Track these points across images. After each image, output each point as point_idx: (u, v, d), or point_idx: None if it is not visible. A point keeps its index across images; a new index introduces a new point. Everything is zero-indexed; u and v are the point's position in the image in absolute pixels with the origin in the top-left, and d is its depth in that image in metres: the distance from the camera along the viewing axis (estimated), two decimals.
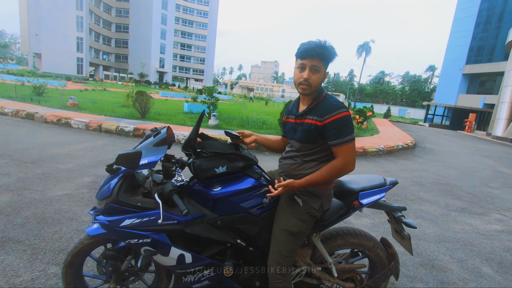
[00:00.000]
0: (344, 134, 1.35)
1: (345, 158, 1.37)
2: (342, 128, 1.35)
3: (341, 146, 1.36)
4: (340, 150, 1.37)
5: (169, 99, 22.79)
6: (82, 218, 2.82)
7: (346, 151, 1.37)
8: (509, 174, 7.61)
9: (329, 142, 1.40)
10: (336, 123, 1.36)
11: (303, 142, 1.47)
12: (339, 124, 1.35)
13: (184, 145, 1.47)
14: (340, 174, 1.40)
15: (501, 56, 28.00)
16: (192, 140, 1.46)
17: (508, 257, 3.00)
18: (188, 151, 1.48)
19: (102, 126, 7.11)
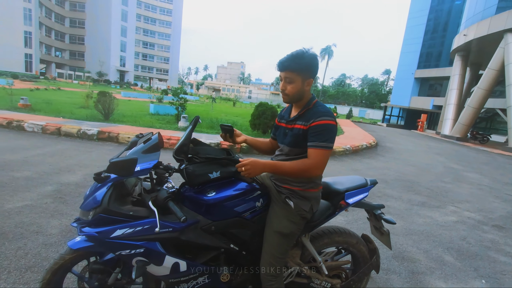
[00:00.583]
0: (322, 139, 1.40)
1: (315, 161, 1.40)
2: (321, 133, 1.40)
3: (315, 149, 1.40)
4: (313, 152, 1.41)
5: (133, 100, 21.77)
6: (49, 231, 2.59)
7: (318, 155, 1.40)
8: (458, 169, 8.45)
9: (307, 143, 1.44)
10: (318, 127, 1.41)
11: (291, 147, 1.52)
12: (320, 129, 1.41)
13: (177, 151, 1.43)
14: (304, 173, 1.43)
15: (447, 62, 30.98)
16: (185, 146, 1.43)
17: (465, 245, 3.33)
18: (180, 156, 1.44)
19: (61, 129, 6.58)
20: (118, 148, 6.05)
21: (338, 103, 64.23)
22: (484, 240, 3.54)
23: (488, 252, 3.22)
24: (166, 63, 74.56)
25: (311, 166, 1.40)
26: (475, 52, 21.17)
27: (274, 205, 1.58)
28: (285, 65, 1.43)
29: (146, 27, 70.06)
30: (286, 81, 1.46)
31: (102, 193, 1.29)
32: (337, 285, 1.80)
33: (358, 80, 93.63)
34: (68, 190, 3.54)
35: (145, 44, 71.12)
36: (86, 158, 5.01)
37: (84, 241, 1.39)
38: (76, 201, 3.25)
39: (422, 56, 35.65)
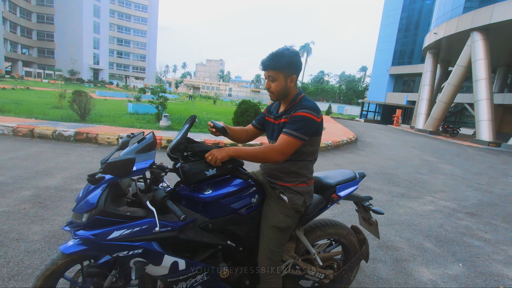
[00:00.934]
0: (293, 127, 1.42)
1: (278, 146, 1.43)
2: (295, 123, 1.43)
3: (284, 134, 1.44)
4: (281, 138, 1.44)
5: (109, 99, 21.02)
6: (30, 238, 2.48)
7: (284, 141, 1.42)
8: (433, 161, 8.90)
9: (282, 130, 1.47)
10: (295, 118, 1.45)
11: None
12: (296, 119, 1.44)
13: (172, 149, 1.42)
14: (265, 155, 1.44)
15: (419, 59, 32.37)
16: (181, 144, 1.42)
17: (442, 232, 3.54)
18: (175, 155, 1.43)
19: (34, 131, 6.25)
20: (97, 149, 5.84)
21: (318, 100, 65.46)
22: (459, 226, 3.77)
23: (463, 238, 3.44)
24: (143, 60, 72.43)
25: (272, 150, 1.43)
26: (445, 49, 22.27)
27: (269, 200, 1.61)
28: (267, 64, 1.47)
29: (121, 23, 67.61)
30: (270, 79, 1.51)
31: (97, 194, 1.26)
32: (330, 276, 1.87)
33: (336, 77, 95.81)
34: (47, 194, 3.39)
35: (120, 41, 68.64)
36: (65, 160, 4.80)
37: (78, 245, 1.34)
38: (58, 205, 3.12)
39: (396, 54, 37.01)
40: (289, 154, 1.46)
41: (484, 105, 16.63)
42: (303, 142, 1.45)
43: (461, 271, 2.71)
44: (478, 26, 16.44)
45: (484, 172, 7.90)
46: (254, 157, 1.46)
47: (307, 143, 1.51)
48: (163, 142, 6.38)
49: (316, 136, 1.54)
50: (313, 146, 1.57)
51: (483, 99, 16.65)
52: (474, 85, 17.15)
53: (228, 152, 1.44)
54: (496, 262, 2.94)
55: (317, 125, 1.48)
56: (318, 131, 1.52)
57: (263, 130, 1.81)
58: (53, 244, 2.41)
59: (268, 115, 1.73)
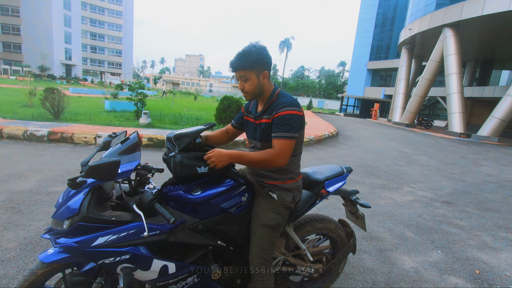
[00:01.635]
0: (284, 129, 1.40)
1: (278, 151, 1.41)
2: (284, 124, 1.41)
3: (279, 139, 1.41)
4: (277, 143, 1.42)
5: (83, 96, 20.15)
6: (4, 246, 2.33)
7: (282, 145, 1.41)
8: (410, 153, 9.25)
9: (272, 134, 1.45)
10: (280, 119, 1.42)
11: (263, 142, 1.53)
12: (282, 120, 1.41)
13: (177, 137, 1.38)
14: (268, 163, 1.42)
15: (395, 54, 33.40)
16: (188, 138, 1.38)
17: (421, 221, 3.69)
18: (175, 143, 1.37)
19: (3, 131, 5.86)
20: (74, 149, 5.58)
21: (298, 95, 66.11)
22: (436, 215, 3.95)
23: (441, 226, 3.61)
24: (119, 55, 69.87)
25: (276, 156, 1.41)
26: (419, 45, 23.12)
27: (258, 198, 1.59)
28: (236, 65, 1.43)
29: (94, 16, 64.68)
30: (242, 80, 1.46)
31: (79, 200, 1.19)
32: (319, 270, 1.89)
33: (316, 72, 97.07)
34: (21, 198, 3.20)
35: (93, 36, 65.75)
36: (38, 162, 4.55)
37: (58, 253, 1.27)
38: (33, 210, 2.95)
39: (373, 49, 38.00)
40: (289, 156, 1.45)
41: (455, 98, 17.48)
42: (296, 140, 1.45)
43: (440, 257, 2.84)
44: (449, 22, 17.17)
45: (457, 162, 8.32)
46: (256, 163, 1.44)
47: None
48: (143, 140, 6.20)
49: (300, 130, 1.52)
50: (298, 139, 1.54)
51: (455, 93, 17.49)
52: (446, 79, 17.96)
53: (229, 158, 1.41)
54: (471, 247, 3.11)
55: (301, 118, 1.48)
56: (302, 125, 1.51)
57: (243, 129, 1.78)
58: (30, 251, 2.28)
59: (246, 114, 1.68)
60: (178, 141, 1.39)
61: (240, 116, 1.75)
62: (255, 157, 1.42)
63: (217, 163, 1.38)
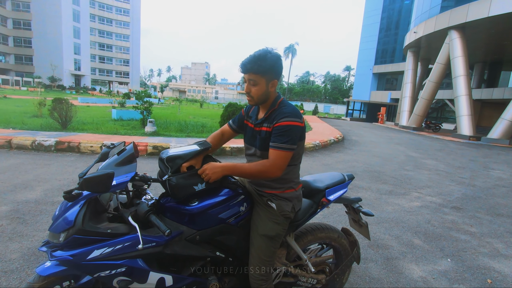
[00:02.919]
0: (282, 140, 1.38)
1: (274, 163, 1.38)
2: (283, 134, 1.38)
3: (275, 150, 1.39)
4: (273, 154, 1.39)
5: (92, 106, 20.48)
6: (8, 256, 2.34)
7: (278, 156, 1.38)
8: (417, 157, 9.10)
9: (270, 143, 1.42)
10: (280, 129, 1.39)
11: (262, 150, 1.51)
12: (282, 130, 1.39)
13: (169, 158, 1.36)
14: (263, 174, 1.40)
15: (400, 58, 33.21)
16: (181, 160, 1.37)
17: (430, 228, 3.60)
18: (168, 164, 1.36)
19: (12, 141, 5.98)
20: (80, 158, 5.65)
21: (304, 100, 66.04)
22: (445, 221, 3.85)
23: (450, 232, 3.51)
24: (126, 65, 71.15)
25: (270, 168, 1.39)
26: (424, 48, 22.94)
27: (257, 208, 1.57)
28: (248, 68, 1.39)
29: (102, 28, 66.24)
30: (250, 83, 1.43)
31: (74, 212, 1.18)
32: (322, 280, 1.84)
33: (321, 77, 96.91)
34: (26, 208, 3.23)
35: (101, 46, 67.21)
36: (45, 172, 4.61)
37: (55, 266, 1.26)
38: (38, 220, 2.97)
39: (378, 53, 37.87)
40: (285, 167, 1.42)
41: (463, 101, 17.20)
42: (293, 152, 1.42)
43: (450, 266, 2.75)
44: (455, 24, 17.01)
45: (466, 166, 8.14)
46: (250, 175, 1.42)
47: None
48: (148, 148, 6.24)
49: (300, 141, 1.49)
50: (298, 151, 1.52)
51: (463, 95, 17.22)
52: (454, 81, 17.72)
53: (223, 171, 1.40)
54: (482, 255, 3.01)
55: (302, 130, 1.45)
56: (302, 136, 1.48)
57: (241, 132, 1.75)
58: (33, 262, 2.29)
59: (247, 119, 1.66)
60: (171, 163, 1.37)
61: (240, 118, 1.72)
62: (250, 168, 1.41)
63: (211, 176, 1.37)
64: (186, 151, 1.41)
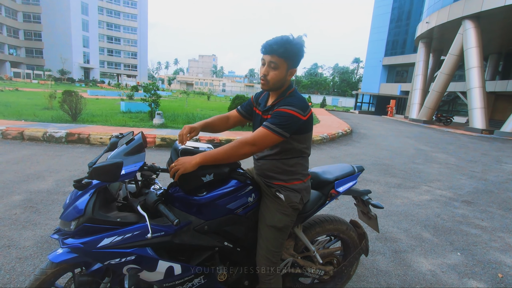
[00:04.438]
0: (274, 122, 1.32)
1: (253, 137, 1.33)
2: (276, 117, 1.33)
3: (263, 127, 1.34)
4: (259, 130, 1.34)
5: (101, 98, 20.72)
6: (22, 244, 2.41)
7: (261, 133, 1.32)
8: (428, 150, 8.94)
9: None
10: (277, 113, 1.35)
11: None
12: (278, 114, 1.34)
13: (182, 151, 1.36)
14: (238, 150, 1.32)
15: (411, 49, 32.40)
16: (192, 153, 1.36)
17: (440, 222, 3.55)
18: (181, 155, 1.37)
19: (24, 133, 6.11)
20: (90, 150, 5.74)
21: (312, 93, 65.33)
22: (455, 215, 3.79)
23: (461, 226, 3.45)
24: (134, 58, 71.44)
25: (245, 142, 1.32)
26: (437, 38, 22.30)
27: (265, 199, 1.56)
28: (274, 48, 1.30)
29: (110, 20, 66.42)
30: (270, 65, 1.34)
31: (84, 201, 1.20)
32: (330, 272, 1.84)
33: (329, 69, 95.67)
34: (39, 198, 3.31)
35: (110, 39, 67.53)
36: (56, 162, 4.70)
37: (67, 253, 1.29)
38: (50, 209, 3.04)
39: (388, 44, 36.99)
40: (263, 147, 1.35)
41: (476, 93, 16.75)
42: (282, 139, 1.35)
43: (460, 260, 2.71)
44: (470, 14, 16.45)
45: (478, 160, 7.97)
46: (225, 155, 1.33)
47: (295, 141, 1.43)
48: (157, 140, 6.29)
49: (304, 134, 1.44)
50: (303, 144, 1.48)
51: (476, 87, 16.76)
52: (467, 73, 17.24)
53: (195, 161, 1.29)
54: (493, 249, 2.96)
55: (301, 122, 1.36)
56: (305, 129, 1.42)
57: (249, 119, 1.70)
58: (45, 249, 2.35)
59: (256, 106, 1.62)
60: (184, 155, 1.36)
61: (249, 104, 1.68)
62: (223, 149, 1.33)
63: (181, 169, 1.27)
64: (202, 151, 1.39)
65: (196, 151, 1.38)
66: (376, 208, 1.90)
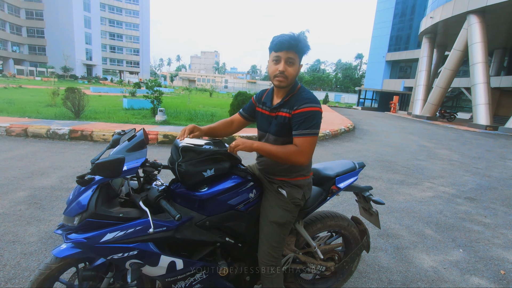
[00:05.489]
0: (306, 126, 1.36)
1: (300, 148, 1.37)
2: (305, 121, 1.36)
3: (300, 137, 1.37)
4: (299, 141, 1.38)
5: (103, 95, 20.75)
6: (27, 239, 2.44)
7: (304, 143, 1.37)
8: (431, 147, 8.90)
9: (292, 132, 1.41)
10: (302, 115, 1.37)
11: (278, 136, 1.49)
12: (304, 116, 1.37)
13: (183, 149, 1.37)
14: (289, 159, 1.39)
15: (415, 45, 32.09)
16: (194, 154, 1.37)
17: (442, 218, 3.54)
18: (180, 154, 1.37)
19: (28, 130, 6.15)
20: (93, 146, 5.77)
21: (314, 89, 65.10)
22: (458, 212, 3.78)
23: (463, 223, 3.44)
24: (136, 54, 71.46)
25: (297, 153, 1.37)
26: (441, 34, 22.06)
27: (267, 195, 1.56)
28: (292, 44, 1.34)
29: (112, 17, 66.38)
30: (288, 61, 1.38)
31: (87, 196, 1.21)
32: (331, 268, 1.85)
33: (332, 65, 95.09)
34: (43, 194, 3.34)
35: (112, 36, 67.54)
36: (60, 159, 4.74)
37: (71, 248, 1.31)
38: (54, 206, 3.07)
39: (392, 40, 36.66)
40: (312, 154, 1.42)
41: (481, 89, 16.59)
42: (317, 136, 1.42)
43: (462, 256, 2.71)
44: (475, 8, 16.24)
45: (482, 156, 7.91)
46: (277, 157, 1.41)
47: None
48: (159, 137, 6.31)
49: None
50: None
51: (480, 83, 16.59)
52: (471, 69, 17.06)
53: (254, 145, 1.42)
54: (496, 246, 2.95)
55: (321, 116, 1.44)
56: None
57: (252, 121, 1.74)
58: (50, 245, 2.38)
59: (258, 105, 1.63)
60: (184, 153, 1.37)
61: (251, 106, 1.70)
62: (277, 150, 1.40)
63: (242, 148, 1.40)
64: (202, 148, 1.40)
65: (196, 149, 1.39)
66: (377, 205, 1.90)
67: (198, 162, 1.37)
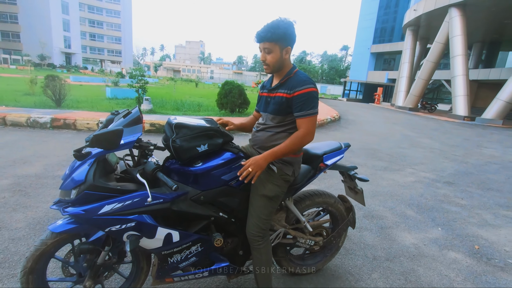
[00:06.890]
0: (308, 107, 1.46)
1: (306, 129, 1.48)
2: (307, 102, 1.46)
3: (304, 118, 1.48)
4: (303, 122, 1.48)
5: (84, 84, 20.06)
6: (14, 225, 2.40)
7: (308, 123, 1.48)
8: (413, 136, 9.22)
9: (294, 113, 1.50)
10: (303, 96, 1.46)
11: (274, 114, 1.56)
12: (305, 98, 1.46)
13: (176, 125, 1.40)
14: (301, 143, 1.50)
15: (399, 37, 32.66)
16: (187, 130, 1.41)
17: (422, 200, 3.73)
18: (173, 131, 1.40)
19: (6, 118, 5.91)
20: (77, 135, 5.63)
21: None
22: (438, 195, 3.98)
23: (442, 205, 3.64)
24: (118, 43, 69.04)
25: (305, 135, 1.48)
26: (424, 26, 22.53)
27: None
28: (262, 36, 1.45)
29: (91, 3, 63.54)
30: (265, 51, 1.48)
31: (85, 170, 1.22)
32: (319, 242, 1.94)
33: (318, 56, 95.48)
34: (27, 182, 3.26)
35: (92, 23, 64.81)
36: (43, 148, 4.60)
37: (67, 223, 1.32)
38: (40, 193, 3.02)
39: (377, 32, 37.10)
40: (314, 131, 1.52)
41: (460, 81, 17.19)
42: (317, 114, 1.51)
43: (440, 234, 2.88)
44: (456, 2, 16.65)
45: (460, 145, 8.29)
46: (291, 149, 1.49)
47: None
48: (145, 125, 6.22)
49: None
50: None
51: (460, 75, 17.18)
52: (451, 61, 17.60)
53: (267, 159, 1.45)
54: (471, 225, 3.15)
55: (318, 95, 1.53)
56: None
57: None
58: (38, 230, 2.35)
59: (261, 91, 1.72)
60: (178, 129, 1.41)
61: (258, 98, 1.80)
62: (287, 145, 1.48)
63: (257, 169, 1.42)
64: (195, 124, 1.44)
65: (189, 125, 1.42)
66: (362, 183, 1.99)
67: (192, 138, 1.40)
